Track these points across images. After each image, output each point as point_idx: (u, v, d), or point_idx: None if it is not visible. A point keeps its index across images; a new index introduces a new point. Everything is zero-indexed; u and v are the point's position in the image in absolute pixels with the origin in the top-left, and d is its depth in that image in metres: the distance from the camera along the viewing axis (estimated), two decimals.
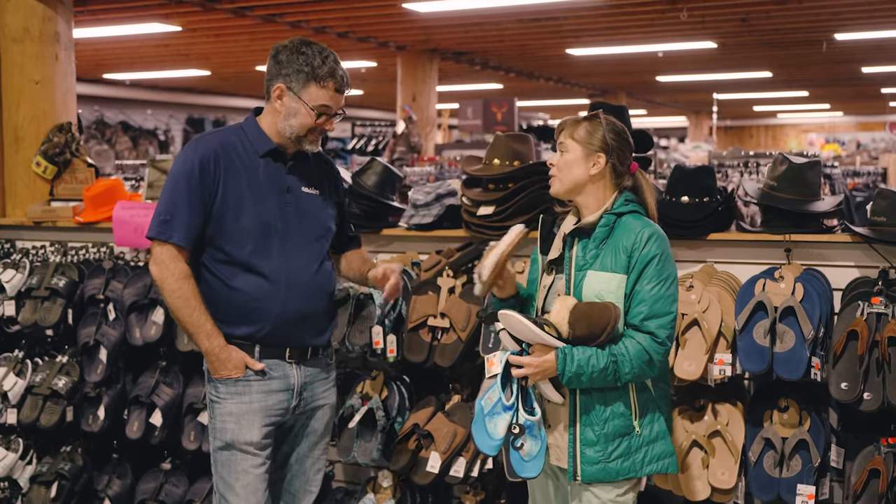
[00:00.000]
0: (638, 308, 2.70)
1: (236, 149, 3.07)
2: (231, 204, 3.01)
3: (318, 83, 3.01)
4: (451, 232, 3.95)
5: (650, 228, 2.76)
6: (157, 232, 3.00)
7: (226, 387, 3.06)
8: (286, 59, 3.03)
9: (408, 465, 3.62)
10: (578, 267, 2.76)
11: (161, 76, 15.40)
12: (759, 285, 3.38)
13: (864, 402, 3.08)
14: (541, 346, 2.68)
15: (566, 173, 2.79)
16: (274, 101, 3.07)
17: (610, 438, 2.73)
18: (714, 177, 3.70)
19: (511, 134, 3.87)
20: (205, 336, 3.01)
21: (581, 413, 2.75)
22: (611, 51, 12.03)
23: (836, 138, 23.95)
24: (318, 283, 3.13)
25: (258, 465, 3.07)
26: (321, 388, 3.22)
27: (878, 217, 3.38)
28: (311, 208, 3.16)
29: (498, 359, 2.70)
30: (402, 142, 10.67)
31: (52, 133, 5.09)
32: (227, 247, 3.02)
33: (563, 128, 2.82)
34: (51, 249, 4.72)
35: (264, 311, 3.03)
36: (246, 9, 9.04)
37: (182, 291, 2.98)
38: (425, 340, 3.67)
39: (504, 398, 2.67)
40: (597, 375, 2.66)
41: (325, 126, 3.08)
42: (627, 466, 2.75)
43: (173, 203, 2.99)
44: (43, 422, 4.29)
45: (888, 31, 10.29)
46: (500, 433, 2.67)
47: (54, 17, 5.16)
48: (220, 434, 3.09)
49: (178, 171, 3.02)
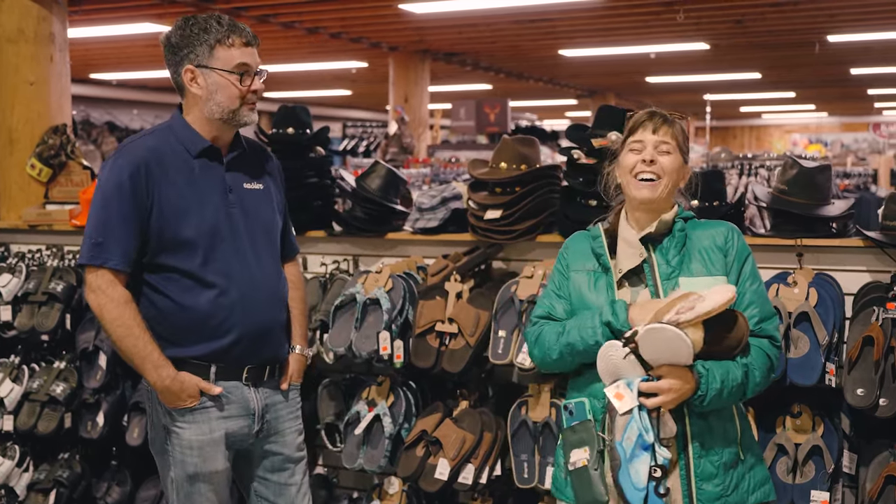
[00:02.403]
0: (750, 311, 2.45)
1: (166, 153, 2.80)
2: (170, 215, 2.77)
3: (223, 45, 2.76)
4: (456, 236, 3.91)
5: (732, 225, 2.56)
6: (90, 257, 2.74)
7: (182, 416, 2.83)
8: (181, 38, 2.79)
9: (416, 473, 3.57)
10: (665, 276, 2.46)
11: (148, 76, 15.30)
12: (772, 290, 3.35)
13: (881, 408, 3.06)
14: (670, 368, 2.31)
15: (671, 178, 2.49)
16: (190, 88, 2.81)
17: (728, 468, 2.42)
18: (724, 181, 3.69)
19: (518, 137, 3.83)
20: (152, 367, 2.76)
21: (693, 442, 2.40)
22: (603, 52, 12.03)
23: (819, 139, 24.10)
24: (276, 289, 2.96)
25: (222, 489, 2.90)
26: (285, 410, 3.03)
27: (891, 221, 3.36)
28: (257, 206, 2.94)
29: (625, 389, 2.30)
30: (394, 143, 10.64)
31: (46, 135, 5.02)
32: (173, 261, 2.78)
33: (660, 124, 2.48)
34: (47, 253, 4.65)
35: (222, 326, 2.81)
36: (240, 9, 8.99)
37: (123, 319, 2.74)
38: (433, 346, 3.63)
39: (646, 436, 2.27)
40: (734, 392, 2.37)
41: (253, 88, 2.81)
42: (740, 498, 2.44)
43: (104, 224, 2.74)
44: (40, 428, 4.22)
45: (880, 32, 10.34)
46: (643, 479, 2.27)
47: (49, 17, 5.09)
48: (181, 466, 2.85)
49: (106, 188, 2.76)
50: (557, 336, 2.52)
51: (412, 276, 3.85)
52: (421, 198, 4.05)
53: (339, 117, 18.62)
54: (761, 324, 2.47)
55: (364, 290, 3.74)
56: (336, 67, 13.23)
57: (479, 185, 3.80)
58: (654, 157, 2.46)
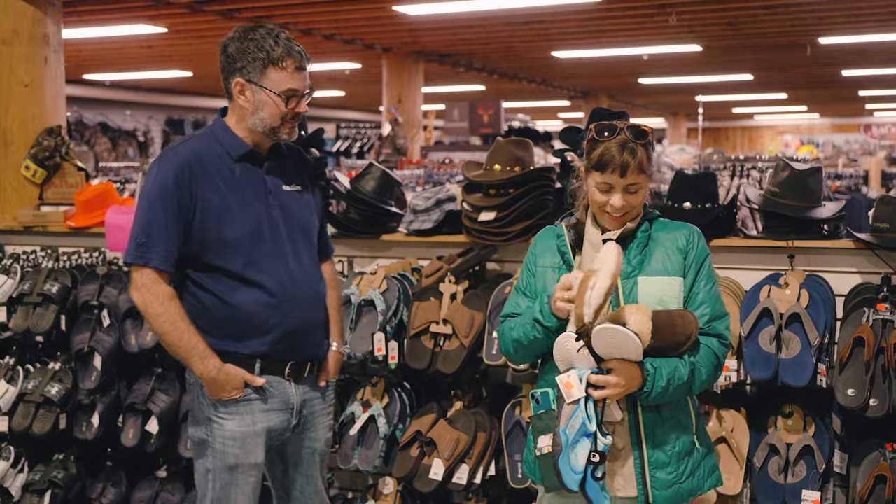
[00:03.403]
0: (701, 310, 2.53)
1: (209, 156, 2.89)
2: (212, 217, 2.85)
3: (276, 66, 2.82)
4: (451, 237, 3.93)
5: (694, 228, 2.63)
6: (135, 256, 2.83)
7: (226, 407, 2.91)
8: (236, 50, 2.85)
9: (410, 473, 3.59)
10: (626, 275, 2.53)
11: (142, 77, 15.28)
12: (763, 292, 3.38)
13: (871, 408, 3.09)
14: (620, 362, 2.41)
15: (640, 208, 2.57)
16: (237, 99, 2.89)
17: (681, 457, 2.53)
18: (716, 183, 3.71)
19: (512, 139, 3.85)
20: (198, 359, 2.85)
21: (647, 433, 2.50)
22: (596, 53, 12.06)
23: (811, 140, 24.17)
24: (315, 288, 3.04)
25: (257, 485, 3.00)
26: (319, 406, 3.12)
27: (881, 223, 3.39)
28: (296, 207, 3.03)
29: (575, 380, 2.39)
30: (387, 144, 10.65)
31: (41, 136, 5.03)
32: (217, 261, 2.87)
33: (629, 165, 2.45)
34: (42, 254, 4.66)
35: (265, 326, 2.90)
36: (234, 10, 8.99)
37: (168, 315, 2.83)
38: (428, 347, 3.65)
39: (589, 424, 2.37)
40: (680, 387, 2.46)
41: (297, 110, 2.90)
42: (696, 485, 2.56)
43: (149, 225, 2.83)
44: (35, 429, 4.22)
45: (871, 34, 10.39)
46: (582, 464, 2.37)
47: (44, 19, 5.09)
48: (221, 457, 2.93)
49: (152, 190, 2.85)
50: (510, 332, 2.62)
51: (407, 277, 3.87)
52: (415, 199, 4.06)
53: (333, 118, 18.64)
54: (711, 322, 2.54)
55: (359, 292, 3.76)
56: (330, 69, 13.23)
57: (474, 186, 3.82)
58: (625, 202, 2.50)
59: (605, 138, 2.49)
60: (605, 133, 2.50)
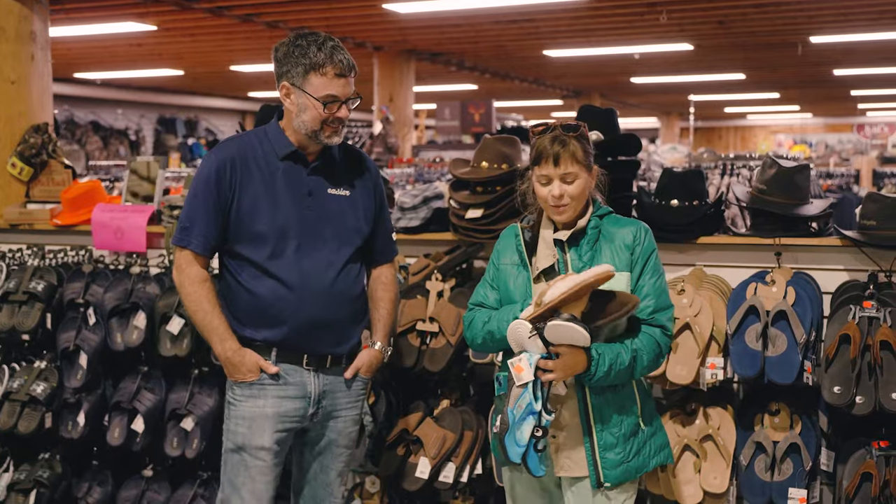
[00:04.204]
0: (645, 302, 2.71)
1: (255, 153, 3.07)
2: (247, 209, 3.03)
3: (317, 72, 2.96)
4: (438, 235, 3.92)
5: (642, 224, 2.80)
6: (178, 239, 3.07)
7: (241, 389, 3.08)
8: (283, 55, 3.01)
9: (397, 471, 3.58)
10: (577, 270, 2.69)
11: (133, 75, 15.24)
12: (750, 289, 3.37)
13: (857, 405, 3.09)
14: (568, 348, 2.58)
15: (580, 198, 2.72)
16: (284, 101, 3.06)
17: (627, 438, 2.72)
18: (704, 180, 3.70)
19: (499, 137, 3.84)
20: (217, 339, 3.05)
21: (595, 417, 2.71)
22: (587, 52, 12.06)
23: (804, 139, 24.22)
24: (337, 289, 3.09)
25: (267, 470, 3.08)
26: (344, 399, 3.17)
27: (868, 221, 3.39)
28: (338, 211, 3.12)
29: (525, 364, 2.58)
30: (379, 143, 10.64)
31: (27, 134, 5.01)
32: (246, 251, 3.04)
33: (560, 155, 2.66)
34: (28, 253, 4.63)
35: (280, 316, 3.03)
36: (223, 8, 8.97)
37: (196, 296, 3.04)
38: (414, 345, 3.64)
39: (535, 404, 2.57)
40: (622, 372, 2.64)
41: (337, 115, 3.00)
42: (642, 462, 2.76)
43: (193, 210, 3.05)
44: (21, 428, 4.20)
45: (861, 34, 10.41)
46: (526, 438, 2.57)
47: (30, 16, 5.07)
48: (231, 436, 3.10)
49: (198, 179, 3.07)
50: (483, 324, 2.80)
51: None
52: (403, 197, 4.05)
53: None
54: (655, 314, 2.73)
55: None
56: None
57: (461, 184, 3.81)
58: (562, 191, 2.68)
59: (539, 135, 2.72)
60: (539, 130, 2.73)
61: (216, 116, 19.15)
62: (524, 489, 2.87)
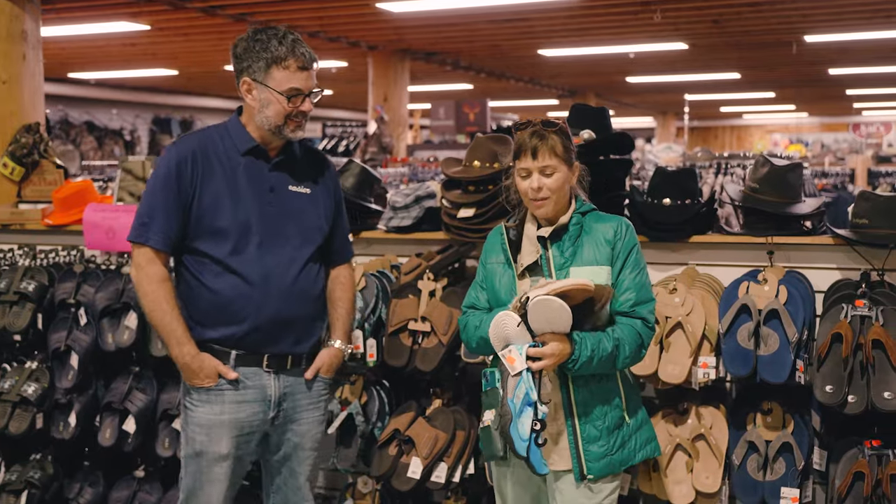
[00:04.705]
0: (626, 296, 2.76)
1: (216, 148, 3.02)
2: (209, 204, 2.97)
3: (279, 66, 2.92)
4: (430, 234, 3.91)
5: (623, 220, 2.84)
6: (136, 235, 2.99)
7: (199, 395, 3.01)
8: (243, 51, 2.97)
9: (389, 472, 3.56)
10: (559, 266, 2.77)
11: (127, 75, 15.20)
12: (742, 288, 3.37)
13: (849, 404, 3.08)
14: (552, 335, 2.64)
15: (560, 193, 2.76)
16: (245, 97, 3.01)
17: (611, 431, 2.77)
18: (696, 179, 3.69)
19: (491, 136, 3.82)
20: (175, 343, 2.97)
21: (579, 410, 2.75)
22: (582, 52, 12.05)
23: (800, 139, 24.24)
24: (299, 286, 3.05)
25: (225, 477, 3.03)
26: (305, 400, 3.13)
27: (860, 219, 3.38)
28: (299, 208, 3.08)
29: (516, 354, 2.62)
30: (373, 142, 10.62)
31: (19, 133, 4.99)
32: (206, 247, 2.98)
33: (539, 148, 2.71)
34: (19, 253, 4.61)
35: (241, 312, 2.98)
36: (216, 7, 8.94)
37: (155, 295, 2.96)
38: (406, 345, 3.62)
39: (532, 394, 2.60)
40: (604, 360, 2.68)
41: (301, 109, 2.98)
42: (627, 455, 2.80)
43: (152, 206, 2.97)
44: (12, 429, 4.17)
45: (856, 33, 10.41)
46: (527, 431, 2.59)
47: (21, 15, 5.06)
48: (190, 443, 3.05)
49: (157, 174, 3.00)
50: (475, 328, 2.85)
51: (385, 274, 3.85)
52: (395, 196, 4.04)
53: (321, 117, 18.58)
54: (636, 307, 2.77)
55: None
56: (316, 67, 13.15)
57: (453, 183, 3.80)
58: (541, 184, 2.73)
59: (520, 131, 2.78)
60: (520, 126, 2.79)
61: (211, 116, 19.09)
62: (512, 484, 2.90)
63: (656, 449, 2.91)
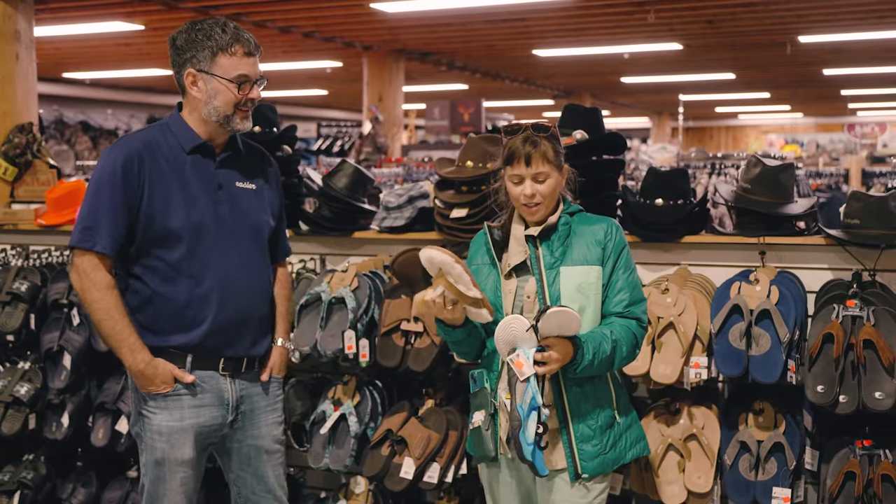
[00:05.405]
0: (619, 296, 2.78)
1: (161, 147, 2.92)
2: (158, 206, 2.87)
3: (225, 53, 2.85)
4: (423, 235, 3.91)
5: (612, 221, 2.86)
6: (79, 240, 2.85)
7: (155, 401, 2.92)
8: (185, 42, 2.87)
9: (381, 472, 3.56)
10: (549, 266, 2.77)
11: (122, 75, 15.19)
12: (734, 288, 3.37)
13: (840, 404, 3.08)
14: (557, 339, 2.64)
15: (552, 198, 2.78)
16: (190, 90, 2.92)
17: (603, 430, 2.79)
18: (688, 179, 3.70)
19: (484, 136, 3.82)
20: (128, 351, 2.86)
21: (572, 410, 2.77)
22: (577, 52, 12.05)
23: (795, 139, 24.28)
24: (256, 285, 3.02)
25: (188, 481, 2.97)
26: (262, 402, 3.08)
27: (852, 219, 3.39)
28: (247, 204, 3.02)
29: (524, 358, 2.61)
30: (368, 142, 10.62)
31: (12, 133, 4.99)
32: (158, 251, 2.89)
33: (532, 156, 2.71)
34: (12, 253, 4.61)
35: (198, 317, 2.91)
36: (210, 7, 8.94)
37: (104, 303, 2.84)
38: (399, 345, 3.62)
39: (538, 398, 2.59)
40: (603, 361, 2.70)
41: (250, 96, 2.90)
42: (618, 454, 2.83)
43: (96, 209, 2.84)
44: (4, 430, 4.17)
45: (850, 33, 10.43)
46: (533, 435, 2.60)
47: (14, 14, 5.05)
48: (150, 451, 2.95)
49: (100, 176, 2.86)
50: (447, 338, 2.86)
51: (378, 275, 3.84)
52: (388, 196, 4.04)
53: (316, 117, 18.57)
54: (630, 307, 2.79)
55: (330, 289, 3.73)
56: (310, 67, 13.17)
57: (446, 183, 3.80)
58: (534, 190, 2.74)
59: (511, 136, 2.76)
60: (511, 131, 2.77)
61: None
62: (502, 485, 2.91)
63: (646, 448, 2.94)
